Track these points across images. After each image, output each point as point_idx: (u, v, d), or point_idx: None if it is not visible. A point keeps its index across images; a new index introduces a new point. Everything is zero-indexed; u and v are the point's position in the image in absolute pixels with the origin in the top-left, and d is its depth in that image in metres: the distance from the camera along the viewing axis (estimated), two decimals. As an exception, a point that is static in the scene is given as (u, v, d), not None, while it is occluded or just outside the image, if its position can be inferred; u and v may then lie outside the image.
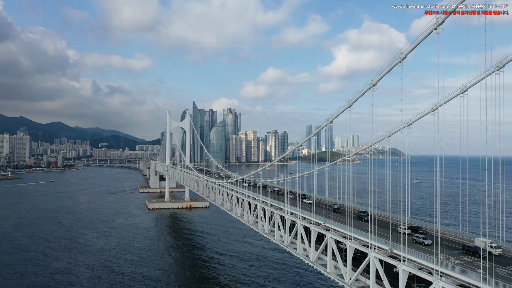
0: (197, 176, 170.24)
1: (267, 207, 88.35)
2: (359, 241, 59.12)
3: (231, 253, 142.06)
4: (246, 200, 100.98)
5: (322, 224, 68.75)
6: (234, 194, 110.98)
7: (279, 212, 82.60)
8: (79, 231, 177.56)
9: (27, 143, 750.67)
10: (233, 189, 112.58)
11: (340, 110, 70.76)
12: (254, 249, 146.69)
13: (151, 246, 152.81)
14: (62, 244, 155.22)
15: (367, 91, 63.99)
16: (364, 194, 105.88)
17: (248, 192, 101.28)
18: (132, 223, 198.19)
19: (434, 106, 51.78)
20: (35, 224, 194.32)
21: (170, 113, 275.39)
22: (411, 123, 57.94)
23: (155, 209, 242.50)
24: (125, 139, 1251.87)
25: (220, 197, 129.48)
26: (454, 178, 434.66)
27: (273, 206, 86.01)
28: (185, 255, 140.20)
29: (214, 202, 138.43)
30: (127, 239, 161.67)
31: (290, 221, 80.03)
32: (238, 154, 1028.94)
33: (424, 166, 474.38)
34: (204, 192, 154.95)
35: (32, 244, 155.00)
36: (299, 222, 74.65)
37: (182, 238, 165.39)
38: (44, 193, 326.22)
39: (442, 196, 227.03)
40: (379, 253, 53.33)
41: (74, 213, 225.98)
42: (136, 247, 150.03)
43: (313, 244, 71.20)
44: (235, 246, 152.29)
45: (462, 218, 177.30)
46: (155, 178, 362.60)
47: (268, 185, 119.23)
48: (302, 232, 74.21)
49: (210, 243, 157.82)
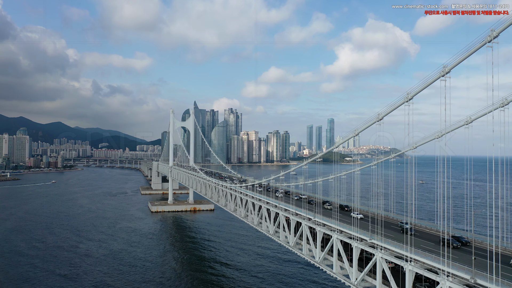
0: (205, 178, 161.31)
1: (292, 216, 79.58)
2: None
3: (243, 265, 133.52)
4: (264, 207, 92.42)
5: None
6: (255, 203, 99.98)
7: (307, 223, 74.13)
8: (80, 237, 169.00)
9: (26, 144, 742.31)
10: (255, 197, 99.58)
11: (368, 124, 63.69)
12: (268, 260, 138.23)
13: (156, 253, 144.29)
14: (62, 250, 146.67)
15: (401, 104, 56.77)
16: (401, 201, 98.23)
17: (268, 199, 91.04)
18: (135, 227, 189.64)
19: (468, 119, 49.84)
20: (34, 229, 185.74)
21: (173, 113, 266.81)
22: (471, 121, 49.50)
23: (158, 212, 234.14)
24: (125, 140, 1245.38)
25: (232, 203, 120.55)
26: (459, 179, 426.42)
27: (298, 215, 77.42)
28: (192, 263, 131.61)
29: (225, 208, 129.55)
30: (131, 247, 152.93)
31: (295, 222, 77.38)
32: (240, 154, 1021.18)
33: (425, 166, 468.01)
34: (213, 197, 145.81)
35: (31, 250, 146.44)
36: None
37: (188, 243, 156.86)
38: (44, 195, 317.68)
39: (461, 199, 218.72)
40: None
41: (74, 217, 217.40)
42: (140, 255, 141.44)
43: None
44: (248, 256, 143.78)
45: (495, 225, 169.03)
46: (157, 179, 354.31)
47: (291, 191, 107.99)
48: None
49: (218, 251, 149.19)
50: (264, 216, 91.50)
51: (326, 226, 70.25)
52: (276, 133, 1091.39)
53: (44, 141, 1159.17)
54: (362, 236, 60.25)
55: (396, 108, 57.28)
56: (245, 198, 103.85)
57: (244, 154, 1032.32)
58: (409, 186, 66.23)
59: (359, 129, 65.79)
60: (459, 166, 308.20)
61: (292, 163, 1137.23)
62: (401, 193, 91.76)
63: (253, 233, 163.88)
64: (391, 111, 58.65)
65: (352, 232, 62.30)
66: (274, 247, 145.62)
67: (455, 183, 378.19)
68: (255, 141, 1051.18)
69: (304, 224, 74.32)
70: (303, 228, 74.97)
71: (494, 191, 52.76)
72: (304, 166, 74.47)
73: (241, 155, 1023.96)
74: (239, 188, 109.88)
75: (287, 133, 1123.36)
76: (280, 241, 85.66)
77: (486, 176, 46.28)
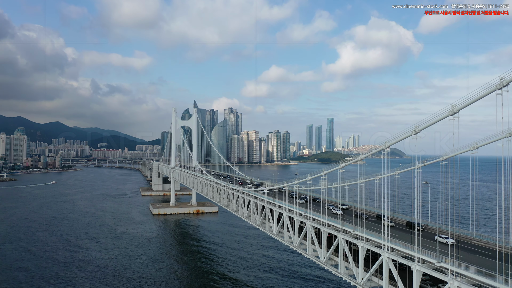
0: (211, 181, 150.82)
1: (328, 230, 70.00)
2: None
3: (254, 277, 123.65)
4: (286, 215, 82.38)
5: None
6: (275, 209, 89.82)
7: (324, 229, 64.06)
8: (78, 242, 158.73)
9: (24, 143, 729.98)
10: (281, 206, 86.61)
11: (405, 135, 57.96)
12: (279, 264, 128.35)
13: (159, 260, 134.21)
14: (59, 258, 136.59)
15: (444, 118, 51.24)
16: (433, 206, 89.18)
17: (295, 209, 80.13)
18: (136, 231, 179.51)
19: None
20: (29, 234, 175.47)
21: (175, 111, 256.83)
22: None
23: (160, 215, 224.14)
24: (124, 139, 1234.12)
25: (245, 209, 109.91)
26: (465, 179, 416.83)
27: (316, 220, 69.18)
28: (198, 272, 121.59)
29: (236, 213, 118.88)
30: (132, 257, 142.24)
31: None
32: (240, 154, 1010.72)
33: (427, 167, 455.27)
34: (222, 201, 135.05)
35: (25, 257, 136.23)
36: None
37: (192, 248, 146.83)
38: (40, 197, 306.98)
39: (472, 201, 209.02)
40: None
41: (72, 220, 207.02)
42: (143, 269, 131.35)
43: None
44: (256, 263, 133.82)
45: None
46: (157, 180, 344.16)
47: (318, 197, 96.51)
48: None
49: (227, 261, 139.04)
50: (286, 225, 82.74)
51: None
52: (276, 133, 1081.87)
53: (42, 141, 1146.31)
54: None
55: (438, 121, 52.20)
56: (261, 204, 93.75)
57: (245, 154, 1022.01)
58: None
59: (391, 141, 59.86)
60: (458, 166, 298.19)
61: (292, 163, 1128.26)
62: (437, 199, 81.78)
63: (272, 242, 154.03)
64: (432, 124, 53.71)
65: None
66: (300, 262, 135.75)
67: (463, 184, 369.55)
68: (256, 141, 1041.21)
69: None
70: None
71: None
72: (340, 169, 64.20)
73: (241, 155, 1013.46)
74: (254, 193, 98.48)
75: (287, 133, 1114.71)
76: (305, 251, 79.87)
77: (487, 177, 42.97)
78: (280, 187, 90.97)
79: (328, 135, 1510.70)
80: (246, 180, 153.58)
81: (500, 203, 58.05)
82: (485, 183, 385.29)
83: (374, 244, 57.97)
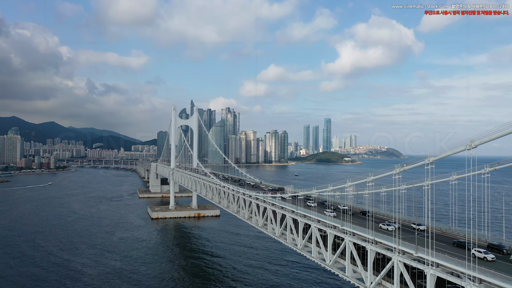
0: (218, 184, 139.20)
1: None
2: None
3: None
4: (314, 226, 71.47)
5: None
6: (299, 219, 77.75)
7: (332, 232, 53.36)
8: (72, 251, 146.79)
9: (18, 144, 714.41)
10: (328, 223, 70.61)
11: (455, 150, 49.81)
12: (287, 270, 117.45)
13: (159, 269, 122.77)
14: (51, 268, 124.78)
15: (461, 150, 46.74)
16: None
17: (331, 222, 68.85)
18: (134, 237, 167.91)
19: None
20: (19, 241, 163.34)
21: (175, 110, 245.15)
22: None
23: (159, 219, 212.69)
24: (120, 140, 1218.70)
25: (260, 217, 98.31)
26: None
27: None
28: (203, 281, 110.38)
29: (248, 221, 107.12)
30: (131, 266, 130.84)
31: None
32: (238, 154, 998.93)
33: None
34: (230, 207, 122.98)
35: (13, 268, 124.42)
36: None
37: (194, 254, 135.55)
38: (33, 199, 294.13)
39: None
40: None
41: (66, 225, 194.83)
42: (143, 271, 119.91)
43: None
44: (262, 271, 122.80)
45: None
46: (155, 181, 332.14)
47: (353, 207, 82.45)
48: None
49: (233, 270, 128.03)
50: (314, 238, 75.00)
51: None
52: (274, 133, 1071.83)
53: (37, 141, 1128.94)
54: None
55: (455, 153, 48.08)
56: (280, 212, 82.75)
57: (242, 154, 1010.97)
58: None
59: (434, 156, 51.40)
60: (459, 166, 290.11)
61: (290, 163, 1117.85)
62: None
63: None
64: (450, 155, 49.39)
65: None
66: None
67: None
68: (253, 141, 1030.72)
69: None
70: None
71: None
72: (396, 175, 53.08)
73: (239, 155, 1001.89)
74: (280, 202, 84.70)
75: (285, 133, 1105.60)
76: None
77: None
78: (307, 194, 79.64)
79: (325, 135, 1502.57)
80: (259, 185, 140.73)
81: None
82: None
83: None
